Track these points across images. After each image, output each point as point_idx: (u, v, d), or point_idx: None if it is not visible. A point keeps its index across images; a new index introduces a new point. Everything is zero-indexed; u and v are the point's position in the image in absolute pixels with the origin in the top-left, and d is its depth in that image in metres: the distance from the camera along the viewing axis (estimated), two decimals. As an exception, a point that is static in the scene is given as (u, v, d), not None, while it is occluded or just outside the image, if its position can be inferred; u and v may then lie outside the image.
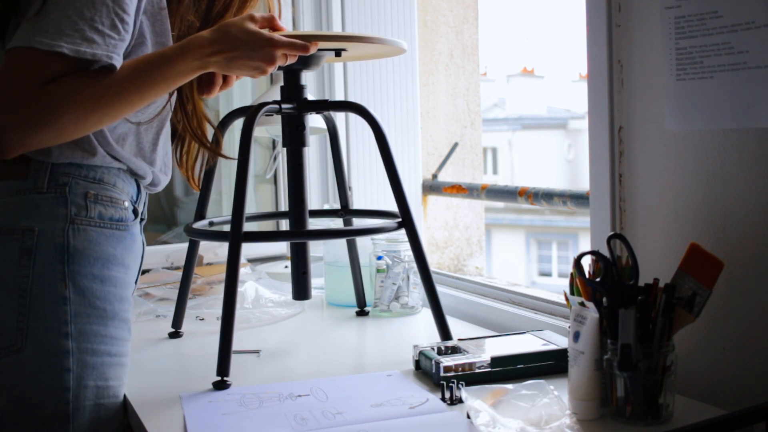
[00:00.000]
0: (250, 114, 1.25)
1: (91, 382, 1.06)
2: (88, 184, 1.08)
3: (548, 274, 14.04)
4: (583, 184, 1.71)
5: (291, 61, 1.16)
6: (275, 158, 2.20)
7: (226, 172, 2.24)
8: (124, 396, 1.13)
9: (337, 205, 1.63)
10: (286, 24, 2.21)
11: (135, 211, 1.15)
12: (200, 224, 1.42)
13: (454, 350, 1.21)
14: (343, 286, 1.69)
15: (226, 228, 1.25)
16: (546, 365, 1.18)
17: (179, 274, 1.58)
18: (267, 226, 2.13)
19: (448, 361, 1.14)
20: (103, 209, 1.09)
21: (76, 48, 0.96)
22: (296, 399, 1.10)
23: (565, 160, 14.86)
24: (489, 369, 1.15)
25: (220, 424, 1.03)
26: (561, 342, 1.22)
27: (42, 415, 1.04)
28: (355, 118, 2.00)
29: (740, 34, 1.00)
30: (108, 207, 1.09)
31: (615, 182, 1.23)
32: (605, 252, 1.02)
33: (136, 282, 1.20)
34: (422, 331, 1.52)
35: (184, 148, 1.28)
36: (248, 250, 2.04)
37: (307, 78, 1.40)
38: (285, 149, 1.41)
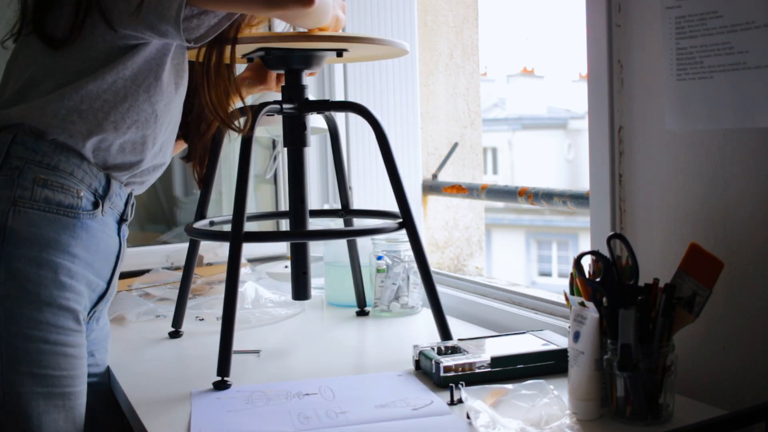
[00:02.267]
0: (251, 114, 1.25)
1: (25, 369, 1.04)
2: (41, 169, 1.07)
3: (548, 274, 14.04)
4: (583, 184, 1.71)
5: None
6: (275, 158, 2.20)
7: (226, 172, 2.24)
8: (118, 397, 1.12)
9: (337, 205, 1.63)
10: (285, 24, 2.21)
11: (96, 204, 1.12)
12: (201, 224, 1.42)
13: (454, 350, 1.21)
14: (343, 286, 1.69)
15: (227, 228, 1.25)
16: (546, 365, 1.18)
17: (179, 274, 1.58)
18: (267, 226, 2.14)
19: (448, 361, 1.14)
20: (51, 194, 1.07)
21: None
22: (303, 397, 1.11)
23: (565, 160, 14.86)
24: (489, 369, 1.15)
25: (223, 421, 1.03)
26: (561, 342, 1.22)
27: None
28: (355, 118, 2.00)
29: (739, 34, 1.00)
30: (57, 192, 1.07)
31: (615, 182, 1.23)
32: (605, 252, 1.02)
33: (109, 283, 1.18)
34: (422, 331, 1.52)
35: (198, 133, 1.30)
36: (248, 250, 2.04)
37: (308, 78, 1.40)
38: (285, 149, 1.41)
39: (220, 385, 1.16)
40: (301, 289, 1.42)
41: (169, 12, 1.04)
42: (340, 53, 1.32)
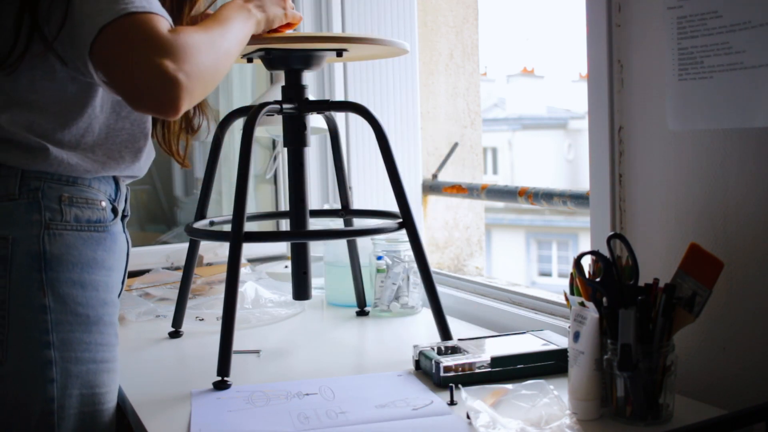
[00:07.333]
0: (251, 114, 1.25)
1: (75, 391, 1.03)
2: (61, 186, 1.04)
3: (548, 274, 14.04)
4: (583, 184, 1.71)
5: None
6: (275, 158, 2.20)
7: (226, 172, 2.24)
8: (118, 397, 1.12)
9: (337, 205, 1.63)
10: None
11: (114, 210, 1.11)
12: (201, 224, 1.42)
13: (454, 350, 1.21)
14: (343, 286, 1.69)
15: (227, 228, 1.25)
16: (546, 365, 1.18)
17: (179, 274, 1.58)
18: (267, 226, 2.14)
19: (448, 361, 1.14)
20: (80, 212, 1.05)
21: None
22: (303, 397, 1.11)
23: (565, 160, 14.86)
24: (489, 369, 1.15)
25: (223, 421, 1.03)
26: (561, 342, 1.22)
27: (27, 426, 1.02)
28: (355, 118, 2.00)
29: (738, 33, 1.00)
30: (84, 209, 1.06)
31: (615, 182, 1.23)
32: (605, 252, 1.02)
33: (123, 282, 1.17)
34: (422, 331, 1.52)
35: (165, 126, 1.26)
36: (248, 250, 2.04)
37: (307, 78, 1.40)
38: (285, 149, 1.41)
39: (220, 385, 1.16)
40: (301, 289, 1.42)
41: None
42: (339, 53, 1.32)
